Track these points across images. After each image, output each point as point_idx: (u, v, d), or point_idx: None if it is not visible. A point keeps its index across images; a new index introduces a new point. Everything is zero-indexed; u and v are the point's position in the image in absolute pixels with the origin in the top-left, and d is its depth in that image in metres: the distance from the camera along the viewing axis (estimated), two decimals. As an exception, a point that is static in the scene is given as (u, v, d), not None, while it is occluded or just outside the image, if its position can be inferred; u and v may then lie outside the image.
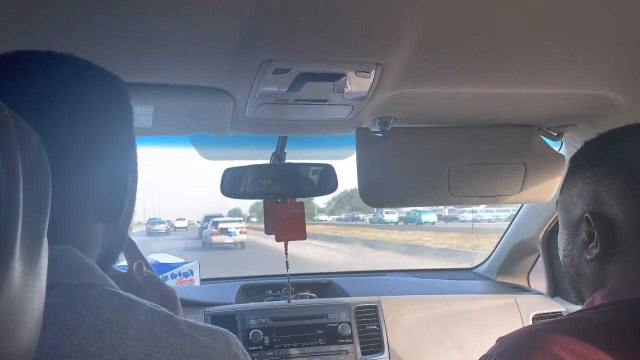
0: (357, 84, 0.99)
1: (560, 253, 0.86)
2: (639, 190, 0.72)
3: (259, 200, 1.49)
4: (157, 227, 29.29)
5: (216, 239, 20.51)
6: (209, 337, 0.57)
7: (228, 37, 0.83)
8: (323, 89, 1.00)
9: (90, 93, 0.60)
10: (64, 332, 0.50)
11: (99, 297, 0.54)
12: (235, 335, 0.61)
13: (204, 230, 23.18)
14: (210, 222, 22.49)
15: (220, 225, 21.09)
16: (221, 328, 0.60)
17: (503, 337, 0.75)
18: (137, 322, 0.54)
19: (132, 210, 0.66)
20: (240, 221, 23.30)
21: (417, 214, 27.38)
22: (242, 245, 20.67)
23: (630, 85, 1.11)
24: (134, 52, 0.86)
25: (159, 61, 0.91)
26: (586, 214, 0.76)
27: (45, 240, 0.41)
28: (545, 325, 0.75)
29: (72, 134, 0.57)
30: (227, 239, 20.53)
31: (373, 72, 0.95)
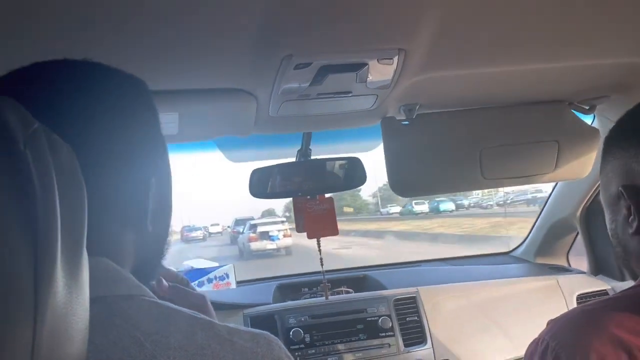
0: (380, 72, 0.97)
1: (609, 234, 0.85)
2: None
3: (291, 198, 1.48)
4: (194, 233, 29.76)
5: (256, 245, 17.18)
6: (251, 341, 0.56)
7: (247, 36, 0.82)
8: (346, 81, 0.99)
9: (115, 99, 0.59)
10: (104, 346, 0.49)
11: (137, 308, 0.53)
12: (277, 338, 0.60)
13: (240, 236, 19.48)
14: (247, 225, 18.83)
15: (260, 229, 17.63)
16: (263, 331, 0.59)
17: (554, 319, 0.73)
18: (178, 331, 0.53)
19: (167, 215, 0.64)
20: (282, 222, 19.02)
21: (435, 203, 27.65)
22: (288, 251, 17.10)
23: None
24: (156, 59, 0.86)
25: (181, 66, 0.91)
26: (620, 188, 0.76)
27: (85, 252, 0.41)
28: (597, 305, 0.72)
29: (98, 142, 0.56)
30: (269, 245, 17.12)
31: (396, 59, 0.93)
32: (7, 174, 0.34)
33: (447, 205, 27.73)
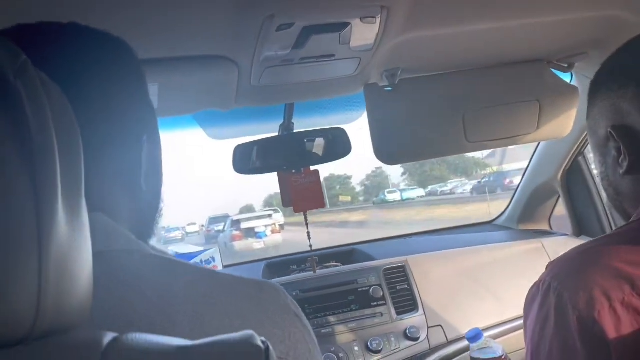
0: (363, 32, 0.96)
1: (599, 179, 0.86)
2: None
3: (272, 193, 1.45)
4: (172, 234, 29.54)
5: (240, 244, 14.55)
6: (256, 289, 0.56)
7: None
8: (329, 42, 0.97)
9: (101, 58, 0.59)
10: (111, 303, 0.48)
11: (139, 262, 0.52)
12: (282, 287, 0.59)
13: (221, 235, 16.91)
14: (228, 222, 16.43)
15: (244, 225, 15.28)
16: (268, 280, 0.58)
17: (553, 261, 0.73)
18: (182, 281, 0.52)
19: (159, 175, 0.64)
20: (269, 215, 16.49)
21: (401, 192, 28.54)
22: (277, 251, 12.41)
23: (637, 1, 1.07)
24: (133, 25, 0.84)
25: (159, 33, 0.88)
26: (609, 129, 0.76)
27: (83, 194, 0.39)
28: (595, 243, 0.73)
29: (88, 99, 0.56)
30: (256, 244, 14.61)
31: (379, 18, 0.92)
32: None
33: (414, 193, 28.45)
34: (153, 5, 0.79)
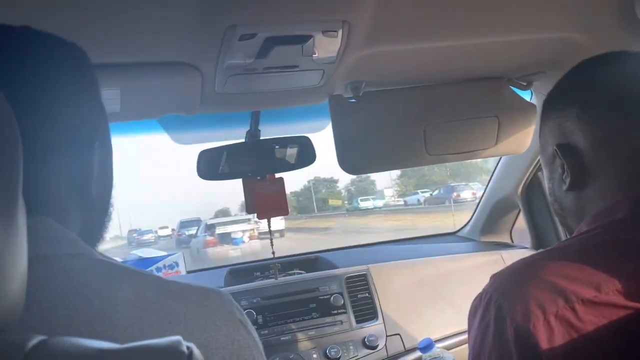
0: (326, 45, 0.98)
1: (547, 193, 0.89)
2: (594, 112, 0.76)
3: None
4: (145, 237, 29.11)
5: (214, 251, 13.21)
6: (202, 296, 0.56)
7: (189, 5, 0.81)
8: (292, 54, 0.99)
9: (54, 63, 0.59)
10: (48, 304, 0.48)
11: (83, 266, 0.53)
12: (229, 294, 0.60)
13: (193, 240, 15.54)
14: (202, 226, 15.21)
15: (219, 230, 14.19)
16: (214, 287, 0.59)
17: (496, 273, 0.76)
18: (126, 287, 0.53)
19: (110, 182, 0.65)
20: (247, 220, 14.97)
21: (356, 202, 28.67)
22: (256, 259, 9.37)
23: (595, 25, 1.12)
24: (95, 29, 0.84)
25: (121, 38, 0.89)
26: (554, 147, 0.80)
27: (19, 198, 0.39)
28: (536, 256, 0.76)
29: (39, 105, 0.56)
30: (232, 251, 13.21)
31: (340, 32, 0.94)
32: None
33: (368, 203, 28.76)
34: (115, 9, 0.79)
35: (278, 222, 14.56)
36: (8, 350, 0.31)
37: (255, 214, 1.45)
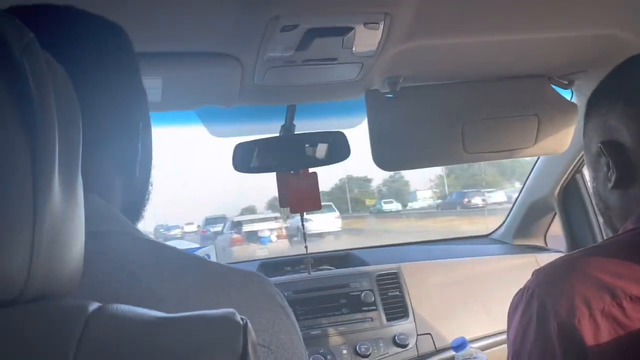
0: (366, 38, 0.98)
1: (592, 193, 0.88)
2: (639, 107, 0.74)
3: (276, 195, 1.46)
4: (172, 232, 29.59)
5: (240, 250, 12.43)
6: (244, 278, 0.57)
7: None
8: (332, 46, 0.99)
9: (99, 43, 0.60)
10: (99, 278, 0.49)
11: (131, 244, 0.54)
12: (269, 279, 0.60)
13: (219, 238, 14.95)
14: (228, 223, 14.71)
15: (246, 227, 13.50)
16: (255, 271, 0.60)
17: (538, 269, 0.74)
18: (172, 265, 0.53)
19: (150, 162, 0.66)
20: (275, 218, 14.71)
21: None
22: None
23: (638, 22, 1.09)
24: (139, 19, 0.85)
25: (165, 27, 0.90)
26: (599, 145, 0.79)
27: (79, 172, 0.40)
28: (580, 253, 0.74)
29: (87, 84, 0.56)
30: (259, 250, 12.37)
31: (382, 24, 0.94)
32: (4, 80, 0.34)
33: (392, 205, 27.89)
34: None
35: (333, 222, 14.48)
36: (71, 313, 0.32)
37: (288, 210, 1.46)
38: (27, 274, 0.32)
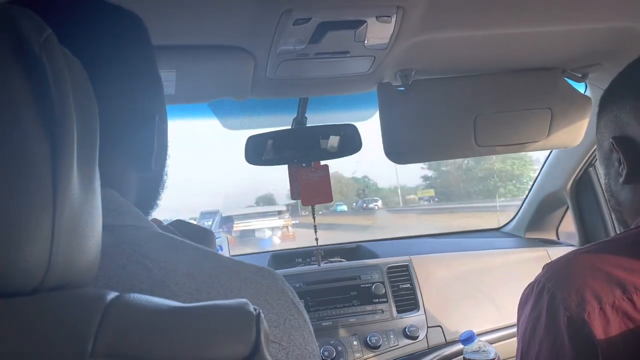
0: (378, 31, 0.98)
1: (604, 189, 0.88)
2: None
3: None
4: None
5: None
6: (256, 273, 0.57)
7: None
8: (344, 39, 0.99)
9: (117, 33, 0.60)
10: (114, 271, 0.50)
11: (145, 238, 0.54)
12: (281, 275, 0.61)
13: None
14: (216, 219, 11.67)
15: (239, 225, 11.01)
16: (266, 267, 0.60)
17: (549, 263, 0.75)
18: (185, 260, 0.54)
19: (165, 156, 0.65)
20: (278, 212, 12.38)
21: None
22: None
23: None
24: (154, 12, 0.86)
25: (179, 21, 0.91)
26: (611, 140, 0.79)
27: (97, 164, 0.41)
28: (591, 247, 0.74)
29: (104, 75, 0.56)
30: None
31: (394, 17, 0.94)
32: (24, 75, 0.35)
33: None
34: None
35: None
36: (90, 302, 0.33)
37: (296, 203, 1.47)
38: (48, 263, 0.33)
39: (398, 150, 1.31)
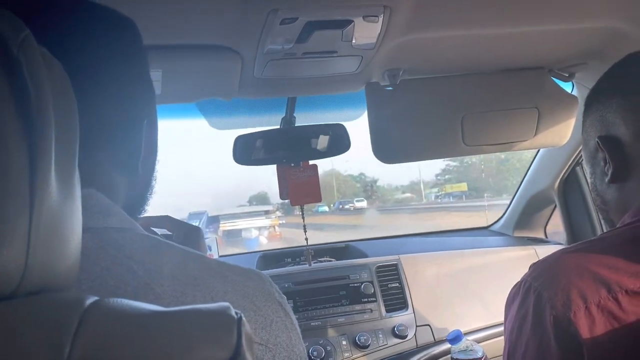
0: (366, 31, 0.98)
1: (590, 189, 0.89)
2: (636, 101, 0.74)
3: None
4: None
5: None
6: (242, 275, 0.57)
7: None
8: (331, 39, 0.99)
9: (108, 36, 0.59)
10: (97, 274, 0.49)
11: (130, 240, 0.53)
12: (268, 276, 0.60)
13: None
14: (204, 219, 10.97)
15: (225, 225, 10.76)
16: (252, 268, 0.60)
17: (535, 263, 0.75)
18: (170, 262, 0.53)
19: (154, 159, 0.65)
20: (265, 212, 12.47)
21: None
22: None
23: (638, 14, 1.09)
24: (140, 12, 0.85)
25: (165, 20, 0.90)
26: (596, 139, 0.79)
27: (76, 167, 0.41)
28: (577, 247, 0.74)
29: (91, 77, 0.56)
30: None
31: (381, 17, 0.94)
32: (1, 76, 0.34)
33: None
34: None
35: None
36: (68, 307, 0.33)
37: (283, 203, 1.46)
38: (24, 267, 0.32)
39: (386, 150, 1.32)
